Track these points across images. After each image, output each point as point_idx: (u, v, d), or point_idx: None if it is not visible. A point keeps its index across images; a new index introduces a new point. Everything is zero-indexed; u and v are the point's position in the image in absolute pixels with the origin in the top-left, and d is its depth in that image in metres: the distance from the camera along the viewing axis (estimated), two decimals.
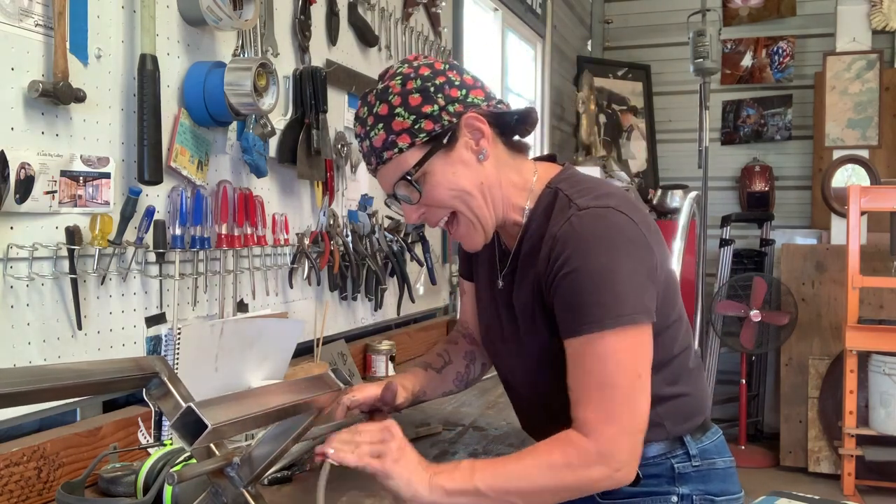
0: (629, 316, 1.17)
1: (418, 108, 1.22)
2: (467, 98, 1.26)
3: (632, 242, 1.21)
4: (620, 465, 1.17)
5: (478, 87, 1.29)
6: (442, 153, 1.24)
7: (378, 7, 2.45)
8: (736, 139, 5.36)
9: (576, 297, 1.19)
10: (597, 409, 1.17)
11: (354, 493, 1.33)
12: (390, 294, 2.46)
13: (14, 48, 1.28)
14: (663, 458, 1.34)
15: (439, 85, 1.24)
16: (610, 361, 1.17)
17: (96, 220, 1.40)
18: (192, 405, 0.80)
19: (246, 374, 1.67)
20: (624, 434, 1.17)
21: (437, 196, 1.26)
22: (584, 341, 1.18)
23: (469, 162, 1.26)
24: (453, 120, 1.24)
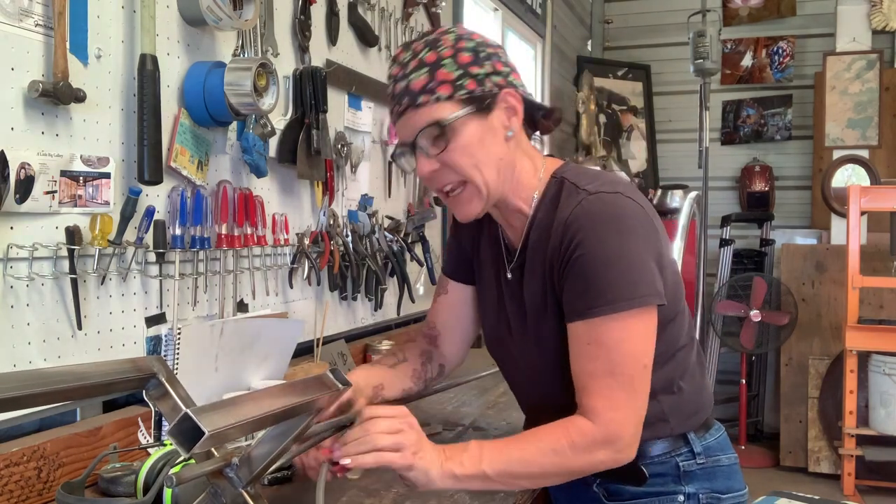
0: (640, 298, 1.18)
1: (466, 65, 1.22)
2: (509, 76, 1.27)
3: (642, 226, 1.22)
4: (624, 446, 1.20)
5: (518, 72, 1.31)
6: (476, 116, 1.23)
7: (378, 7, 2.45)
8: (736, 139, 5.36)
9: (586, 280, 1.19)
10: (603, 396, 1.19)
11: (354, 493, 1.33)
12: (390, 294, 2.46)
13: (14, 48, 1.28)
14: (668, 457, 1.34)
15: (489, 53, 1.26)
16: (617, 349, 1.19)
17: (96, 220, 1.40)
18: (188, 411, 0.80)
19: (246, 374, 1.67)
20: (629, 419, 1.20)
21: (458, 158, 1.23)
22: (592, 325, 1.19)
23: (497, 134, 1.25)
24: (494, 90, 1.24)
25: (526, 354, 1.37)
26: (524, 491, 1.37)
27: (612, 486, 1.36)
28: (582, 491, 1.39)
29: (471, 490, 1.29)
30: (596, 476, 1.36)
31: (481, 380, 2.29)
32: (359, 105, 2.34)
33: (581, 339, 1.21)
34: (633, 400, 1.20)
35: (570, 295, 1.22)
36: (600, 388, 1.19)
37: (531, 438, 1.21)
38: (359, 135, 2.35)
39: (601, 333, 1.19)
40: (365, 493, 1.34)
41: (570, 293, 1.22)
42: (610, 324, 1.18)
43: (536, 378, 1.38)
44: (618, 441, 1.19)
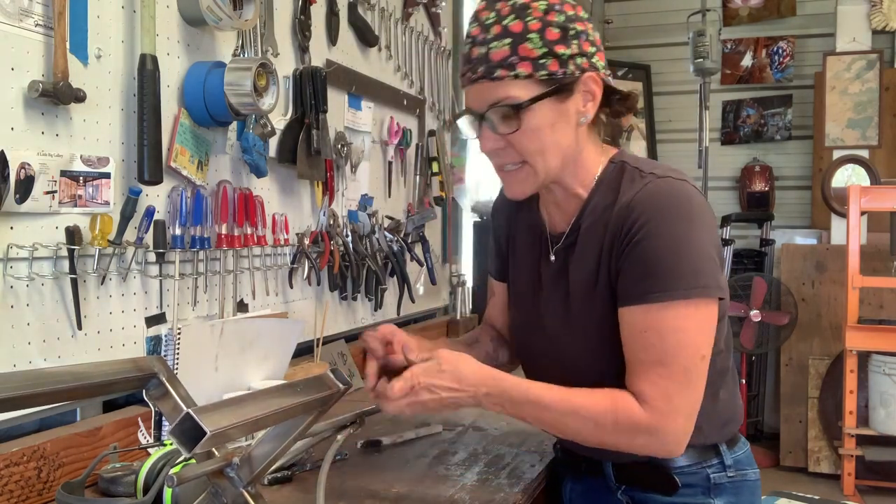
0: (702, 288, 1.14)
1: (553, 43, 1.15)
2: (594, 57, 1.20)
3: (707, 216, 1.19)
4: (668, 442, 1.16)
5: (602, 51, 1.23)
6: (553, 100, 1.17)
7: (378, 7, 2.45)
8: (736, 139, 5.36)
9: (646, 264, 1.15)
10: (654, 384, 1.15)
11: (354, 494, 1.33)
12: (390, 294, 2.46)
13: (14, 48, 1.28)
14: (698, 468, 1.30)
15: (579, 31, 1.18)
16: (673, 338, 1.14)
17: (96, 220, 1.40)
18: (190, 411, 0.80)
19: (246, 374, 1.67)
20: (679, 411, 1.15)
21: (526, 141, 1.19)
22: (649, 311, 1.15)
23: (570, 120, 1.20)
24: (577, 73, 1.17)
25: (561, 341, 1.31)
26: (524, 491, 1.37)
27: (638, 495, 1.33)
28: (604, 497, 1.36)
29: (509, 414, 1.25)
30: (620, 483, 1.34)
31: None
32: (359, 105, 2.34)
33: (636, 326, 1.17)
34: (686, 392, 1.15)
35: (628, 278, 1.17)
36: (652, 377, 1.15)
37: (577, 404, 1.17)
38: (359, 135, 2.35)
39: (657, 320, 1.14)
40: (365, 492, 1.34)
41: (627, 277, 1.17)
42: (667, 311, 1.14)
43: (571, 366, 1.30)
44: (664, 433, 1.15)
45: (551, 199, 1.33)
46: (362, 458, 1.53)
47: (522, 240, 1.42)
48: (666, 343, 1.14)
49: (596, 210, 1.26)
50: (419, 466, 1.48)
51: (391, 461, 1.52)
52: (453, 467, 1.48)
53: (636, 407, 1.15)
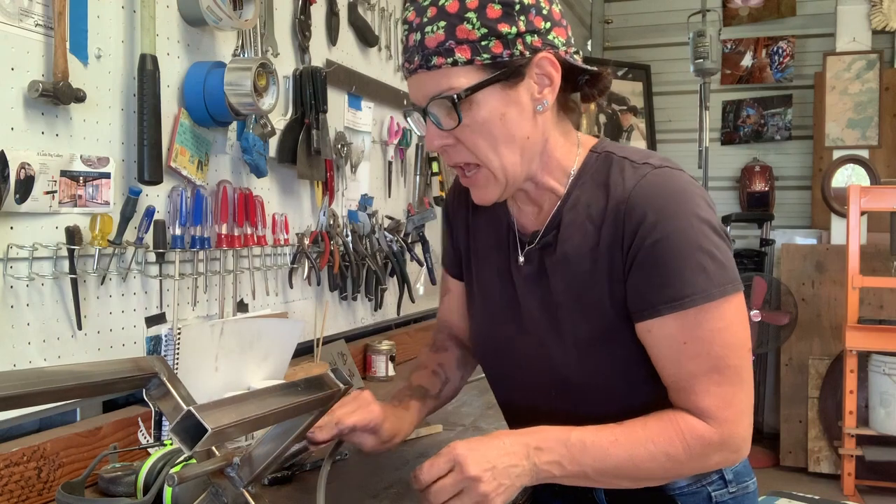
0: (732, 283, 1.06)
1: (494, 22, 1.01)
2: (549, 34, 1.05)
3: (711, 207, 1.09)
4: (740, 448, 1.09)
5: (563, 26, 1.09)
6: (500, 87, 1.04)
7: (378, 7, 2.45)
8: (736, 139, 5.36)
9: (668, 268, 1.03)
10: (713, 395, 1.05)
11: (354, 494, 1.33)
12: (390, 294, 2.46)
13: (14, 48, 1.28)
14: (698, 486, 1.21)
15: (527, 5, 1.03)
16: (719, 341, 1.05)
17: (96, 220, 1.40)
18: (191, 409, 0.80)
19: (246, 374, 1.67)
20: (743, 413, 1.07)
21: (473, 137, 1.06)
22: (685, 318, 1.04)
23: (525, 109, 1.06)
24: (526, 53, 1.03)
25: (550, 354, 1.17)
26: (524, 490, 1.37)
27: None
28: None
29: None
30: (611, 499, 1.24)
31: (482, 379, 2.29)
32: (359, 105, 2.34)
33: (674, 338, 1.05)
34: (743, 392, 1.07)
35: (648, 287, 1.05)
36: (708, 388, 1.05)
37: (639, 438, 1.05)
38: (359, 135, 2.35)
39: (698, 327, 1.04)
40: (365, 493, 1.34)
41: (646, 285, 1.05)
42: (706, 314, 1.04)
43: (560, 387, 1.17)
44: (734, 441, 1.07)
45: (526, 198, 1.19)
46: (362, 458, 1.53)
47: (485, 234, 1.27)
48: (713, 348, 1.05)
49: (578, 206, 1.13)
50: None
51: (391, 461, 1.52)
52: None
53: (701, 425, 1.06)
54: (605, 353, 1.12)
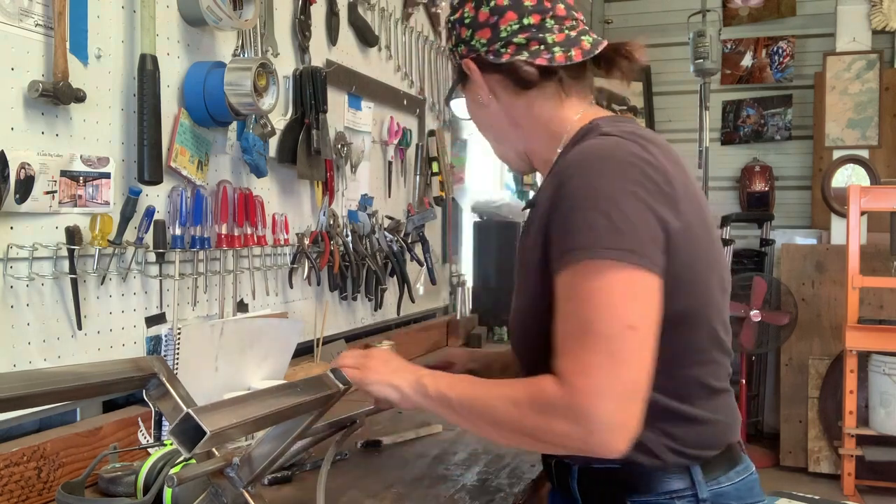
0: (627, 252, 0.97)
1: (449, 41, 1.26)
2: (471, 40, 1.20)
3: (646, 178, 1.02)
4: (595, 431, 0.95)
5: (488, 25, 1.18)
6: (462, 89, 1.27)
7: (378, 7, 2.45)
8: (736, 139, 5.36)
9: (566, 223, 1.02)
10: (573, 359, 0.97)
11: (354, 494, 1.33)
12: (390, 294, 2.46)
13: (14, 48, 1.28)
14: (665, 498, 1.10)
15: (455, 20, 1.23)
16: (590, 303, 0.97)
17: (96, 220, 1.40)
18: (190, 411, 0.80)
19: (246, 374, 1.67)
20: (604, 390, 0.95)
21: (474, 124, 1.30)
22: (568, 275, 1.00)
23: (481, 104, 1.24)
24: (458, 60, 1.24)
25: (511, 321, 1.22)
26: (524, 491, 1.37)
27: None
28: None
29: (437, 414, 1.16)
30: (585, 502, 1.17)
31: None
32: (359, 105, 2.34)
33: (561, 295, 1.01)
34: (612, 367, 0.95)
35: (554, 243, 1.04)
36: (571, 349, 0.98)
37: (498, 383, 1.08)
38: (359, 135, 2.35)
39: (575, 285, 0.99)
40: (365, 493, 1.34)
41: (554, 242, 1.04)
42: (584, 273, 0.98)
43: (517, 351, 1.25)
44: (583, 417, 0.95)
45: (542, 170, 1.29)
46: (362, 458, 1.54)
47: None
48: (584, 308, 0.98)
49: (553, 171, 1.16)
50: (419, 466, 1.48)
51: (391, 461, 1.52)
52: (453, 467, 1.48)
53: (552, 384, 0.98)
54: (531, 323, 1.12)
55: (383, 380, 1.18)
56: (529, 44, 1.17)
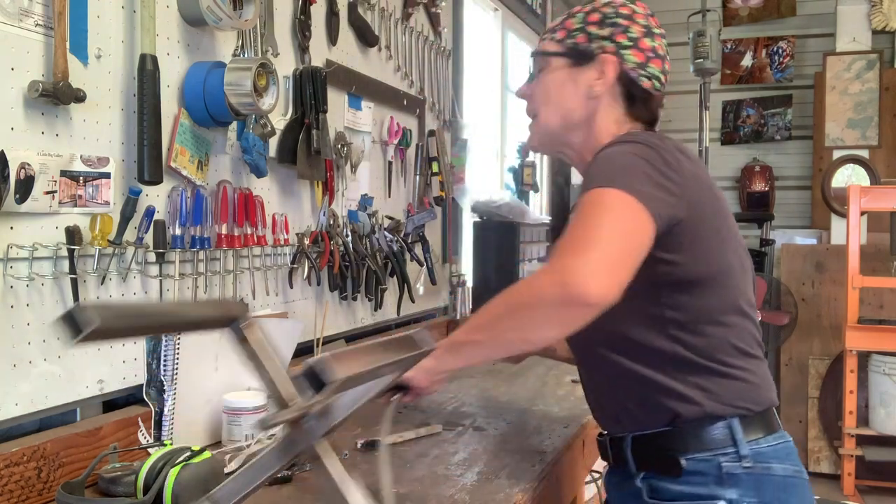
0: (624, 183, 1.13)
1: (588, 24, 1.38)
2: (625, 50, 1.35)
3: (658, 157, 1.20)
4: (569, 276, 1.05)
5: (642, 50, 1.36)
6: (569, 63, 1.38)
7: (378, 7, 2.45)
8: (736, 139, 5.36)
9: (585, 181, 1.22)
10: (568, 239, 1.11)
11: None
12: (390, 294, 2.46)
13: (14, 48, 1.28)
14: (710, 455, 1.24)
15: (619, 24, 1.37)
16: (589, 209, 1.13)
17: (96, 220, 1.40)
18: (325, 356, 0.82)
19: (246, 374, 1.66)
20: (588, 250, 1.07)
21: (538, 90, 1.41)
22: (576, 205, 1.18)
23: (579, 88, 1.37)
24: (597, 51, 1.35)
25: None
26: (524, 490, 1.37)
27: (654, 482, 1.29)
28: (627, 484, 1.33)
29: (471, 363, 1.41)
30: (639, 469, 1.30)
31: (481, 379, 2.29)
32: (359, 105, 2.34)
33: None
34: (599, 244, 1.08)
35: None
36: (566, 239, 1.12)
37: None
38: (359, 135, 2.35)
39: (578, 205, 1.16)
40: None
41: None
42: (589, 196, 1.15)
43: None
44: (565, 266, 1.07)
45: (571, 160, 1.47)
46: (362, 458, 1.53)
47: None
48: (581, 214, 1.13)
49: None
50: (419, 466, 1.48)
51: (392, 461, 1.52)
52: (453, 467, 1.48)
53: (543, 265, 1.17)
54: None
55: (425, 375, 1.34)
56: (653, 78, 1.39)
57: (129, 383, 1.52)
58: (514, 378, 2.34)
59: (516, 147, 3.88)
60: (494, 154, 3.98)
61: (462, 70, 3.23)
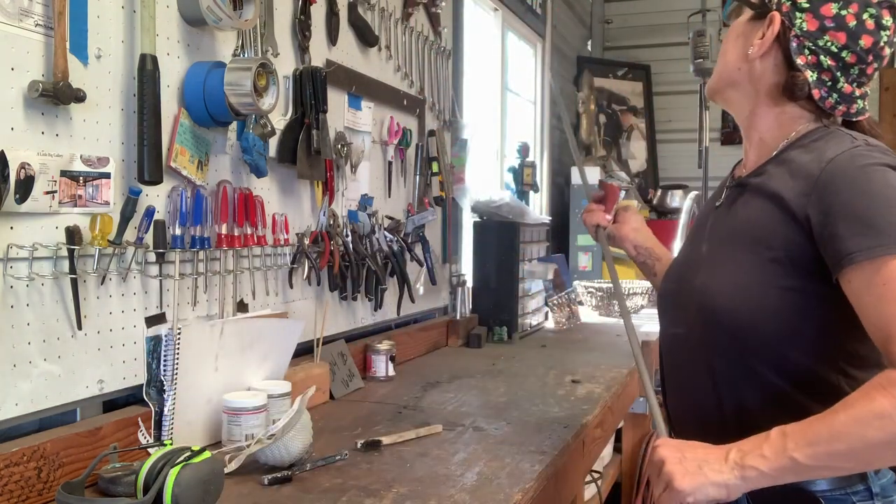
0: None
1: None
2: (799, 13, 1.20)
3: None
4: None
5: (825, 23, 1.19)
6: (749, 16, 1.29)
7: (378, 7, 2.45)
8: (736, 139, 5.34)
9: (860, 220, 1.07)
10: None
11: (354, 493, 1.33)
12: (390, 294, 2.46)
13: (14, 48, 1.28)
14: (842, 493, 1.14)
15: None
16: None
17: (96, 220, 1.40)
18: None
19: (246, 374, 1.67)
20: None
21: (728, 35, 1.34)
22: (882, 264, 1.04)
23: (746, 42, 1.28)
24: (772, 6, 1.24)
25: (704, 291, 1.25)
26: (524, 490, 1.37)
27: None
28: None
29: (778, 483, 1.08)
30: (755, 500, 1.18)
31: (481, 379, 2.29)
32: (359, 105, 2.34)
33: (872, 281, 1.05)
34: None
35: (840, 239, 1.08)
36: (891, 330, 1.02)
37: (839, 409, 1.03)
38: (359, 135, 2.35)
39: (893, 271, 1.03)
40: (365, 492, 1.34)
41: (839, 237, 1.08)
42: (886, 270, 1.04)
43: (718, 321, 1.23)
44: None
45: (747, 144, 1.37)
46: (362, 457, 1.54)
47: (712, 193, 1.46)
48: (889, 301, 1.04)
49: (785, 161, 1.22)
50: (419, 466, 1.48)
51: (391, 461, 1.52)
52: (453, 467, 1.48)
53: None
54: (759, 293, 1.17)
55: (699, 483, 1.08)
56: (823, 72, 1.22)
57: (129, 383, 1.52)
58: (514, 378, 2.34)
59: (516, 147, 3.88)
60: (494, 154, 3.98)
61: (462, 70, 3.23)
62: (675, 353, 1.37)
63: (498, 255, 3.13)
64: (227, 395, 1.56)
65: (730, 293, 1.21)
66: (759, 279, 1.18)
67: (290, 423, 1.42)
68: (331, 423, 1.78)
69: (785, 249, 1.16)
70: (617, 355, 2.73)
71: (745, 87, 1.29)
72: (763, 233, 1.19)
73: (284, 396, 1.66)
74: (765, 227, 1.19)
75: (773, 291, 1.16)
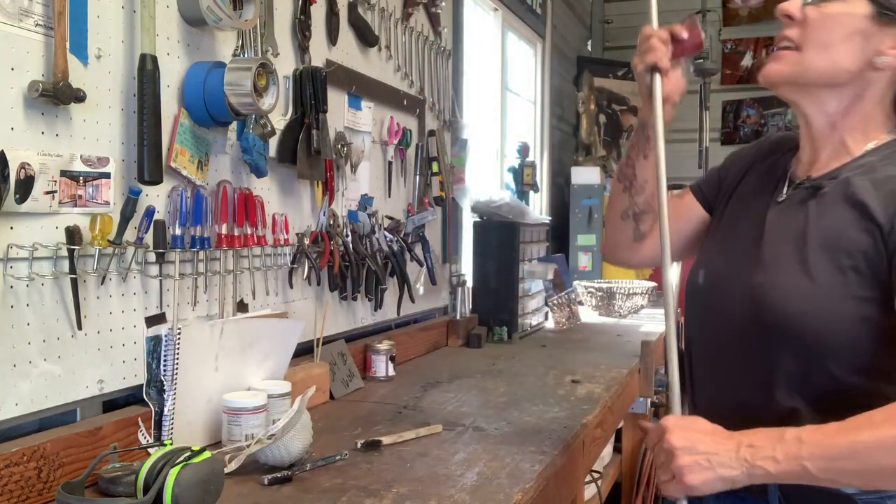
0: None
1: None
2: None
3: None
4: None
5: None
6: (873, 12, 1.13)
7: (378, 7, 2.45)
8: (736, 139, 5.37)
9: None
10: None
11: (354, 493, 1.33)
12: (390, 294, 2.46)
13: (14, 48, 1.28)
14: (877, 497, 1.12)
15: None
16: None
17: (96, 220, 1.40)
18: None
19: (246, 374, 1.67)
20: None
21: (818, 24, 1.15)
22: None
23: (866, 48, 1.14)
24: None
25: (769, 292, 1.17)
26: (524, 490, 1.37)
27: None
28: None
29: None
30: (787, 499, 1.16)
31: (481, 379, 2.29)
32: (359, 105, 2.34)
33: None
34: None
35: None
36: None
37: (864, 426, 1.01)
38: (359, 135, 2.35)
39: None
40: (365, 493, 1.34)
41: None
42: None
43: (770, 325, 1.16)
44: None
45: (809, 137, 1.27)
46: (362, 457, 1.54)
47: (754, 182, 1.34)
48: None
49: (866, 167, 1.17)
50: (419, 466, 1.48)
51: (391, 461, 1.52)
52: (453, 467, 1.48)
53: None
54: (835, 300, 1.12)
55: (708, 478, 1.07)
56: None
57: (129, 383, 1.52)
58: (514, 378, 2.34)
59: (516, 147, 3.88)
60: (494, 154, 3.98)
61: (462, 70, 3.23)
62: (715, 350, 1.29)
63: (498, 255, 3.14)
64: (227, 395, 1.56)
65: (800, 296, 1.14)
66: (835, 286, 1.13)
67: (290, 423, 1.42)
68: (331, 423, 1.78)
69: (866, 260, 1.11)
70: (617, 355, 2.73)
71: (847, 90, 1.19)
72: (843, 240, 1.13)
73: (284, 396, 1.66)
74: (845, 235, 1.14)
75: (850, 301, 1.12)
